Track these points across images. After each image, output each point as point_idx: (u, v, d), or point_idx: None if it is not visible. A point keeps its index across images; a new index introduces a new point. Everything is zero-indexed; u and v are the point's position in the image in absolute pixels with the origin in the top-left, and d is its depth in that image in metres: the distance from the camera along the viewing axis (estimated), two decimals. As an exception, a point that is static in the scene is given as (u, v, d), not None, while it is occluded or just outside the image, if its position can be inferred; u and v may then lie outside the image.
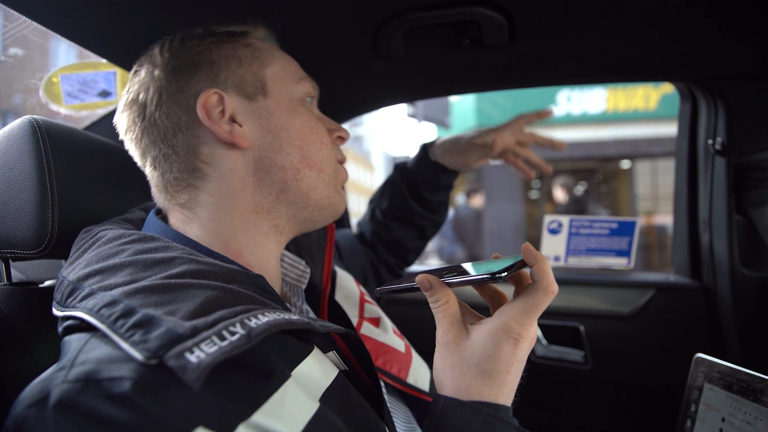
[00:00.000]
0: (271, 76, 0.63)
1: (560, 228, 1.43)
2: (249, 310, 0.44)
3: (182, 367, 0.36)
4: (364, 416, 0.51)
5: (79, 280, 0.48)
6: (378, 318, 0.81)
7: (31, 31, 0.97)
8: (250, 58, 0.63)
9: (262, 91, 0.62)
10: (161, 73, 0.60)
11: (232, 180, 0.60)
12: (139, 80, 0.61)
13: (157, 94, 0.59)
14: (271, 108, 0.62)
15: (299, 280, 0.73)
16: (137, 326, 0.40)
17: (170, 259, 0.49)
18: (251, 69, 0.62)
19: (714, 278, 1.20)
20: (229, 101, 0.60)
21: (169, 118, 0.59)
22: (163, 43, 0.63)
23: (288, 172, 0.62)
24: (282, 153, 0.62)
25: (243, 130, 0.60)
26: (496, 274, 0.46)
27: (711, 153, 1.15)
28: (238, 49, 0.63)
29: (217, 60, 0.61)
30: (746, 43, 0.93)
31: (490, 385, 0.49)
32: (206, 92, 0.58)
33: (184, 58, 0.60)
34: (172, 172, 0.60)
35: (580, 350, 1.35)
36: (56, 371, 0.39)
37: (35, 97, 1.03)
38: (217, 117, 0.59)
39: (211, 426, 0.37)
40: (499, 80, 1.16)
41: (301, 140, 0.63)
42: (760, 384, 0.70)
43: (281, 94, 0.63)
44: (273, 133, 0.62)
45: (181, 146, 0.60)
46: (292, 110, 0.64)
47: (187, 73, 0.60)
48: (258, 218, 0.62)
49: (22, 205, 0.61)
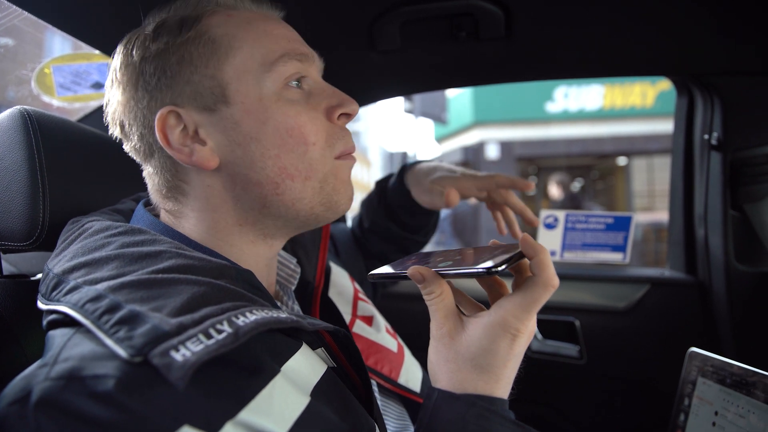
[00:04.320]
0: (233, 74, 0.54)
1: (556, 223, 1.43)
2: (237, 308, 0.43)
3: (167, 365, 0.35)
4: (354, 412, 0.51)
5: (64, 273, 0.47)
6: (371, 316, 0.79)
7: (22, 21, 0.96)
8: (205, 57, 0.53)
9: (222, 98, 0.53)
10: (123, 95, 0.55)
11: (211, 197, 0.56)
12: (111, 99, 0.58)
13: (125, 115, 0.56)
14: (237, 117, 0.53)
15: (288, 279, 0.71)
16: (122, 322, 0.39)
17: (157, 252, 0.48)
18: (207, 72, 0.53)
19: (709, 273, 1.21)
20: (188, 117, 0.53)
21: (142, 140, 0.56)
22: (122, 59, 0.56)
23: (266, 187, 0.55)
24: (255, 168, 0.54)
25: (206, 149, 0.54)
26: (491, 269, 0.45)
27: (707, 148, 1.15)
28: (189, 47, 0.53)
29: (167, 68, 0.53)
30: (743, 38, 0.93)
31: (486, 379, 0.47)
32: (161, 112, 0.53)
33: (136, 72, 0.54)
34: (157, 187, 0.58)
35: (575, 345, 1.35)
36: (39, 368, 0.38)
37: (27, 89, 1.02)
38: (177, 139, 0.53)
39: (197, 424, 0.36)
40: (496, 74, 1.15)
41: (278, 148, 0.54)
42: (753, 378, 0.70)
43: (247, 97, 0.54)
44: (242, 146, 0.54)
45: (159, 166, 0.57)
46: (263, 113, 0.54)
47: (142, 90, 0.54)
48: (243, 230, 0.58)
49: (13, 196, 0.61)
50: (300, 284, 0.74)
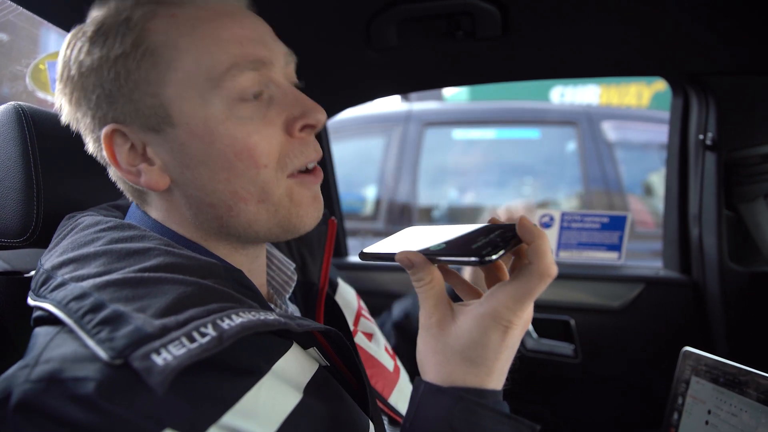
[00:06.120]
0: (175, 93, 0.48)
1: (552, 222, 1.43)
2: (223, 309, 0.42)
3: (148, 369, 0.35)
4: (348, 409, 0.50)
5: (53, 269, 0.46)
6: (371, 334, 0.78)
7: (16, 16, 0.95)
8: (144, 72, 0.48)
9: (166, 119, 0.49)
10: (68, 104, 0.52)
11: (171, 211, 0.54)
12: (58, 101, 0.54)
13: (75, 125, 0.54)
14: (182, 139, 0.49)
15: (283, 286, 0.67)
16: (105, 323, 0.38)
17: (145, 249, 0.47)
18: (148, 90, 0.48)
19: (703, 273, 1.21)
20: (134, 136, 0.50)
21: (97, 151, 0.53)
22: (64, 56, 0.51)
23: (219, 209, 0.52)
24: (206, 191, 0.51)
25: (155, 170, 0.50)
26: (484, 258, 0.42)
27: (702, 148, 1.16)
28: (127, 62, 0.47)
29: (104, 84, 0.48)
30: (738, 39, 0.93)
31: (476, 372, 0.45)
32: (105, 130, 0.49)
33: (77, 86, 0.50)
34: (125, 189, 0.57)
35: (570, 344, 1.36)
36: (20, 369, 0.38)
37: (22, 85, 1.01)
38: (125, 158, 0.50)
39: (180, 428, 0.36)
40: (493, 73, 1.15)
41: (227, 171, 0.50)
42: (745, 376, 0.71)
43: (192, 118, 0.49)
44: (191, 169, 0.50)
45: (118, 177, 0.55)
46: (209, 135, 0.49)
47: (84, 107, 0.50)
48: (210, 244, 0.55)
49: (6, 192, 0.60)
50: (304, 285, 0.72)
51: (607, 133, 2.89)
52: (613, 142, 2.88)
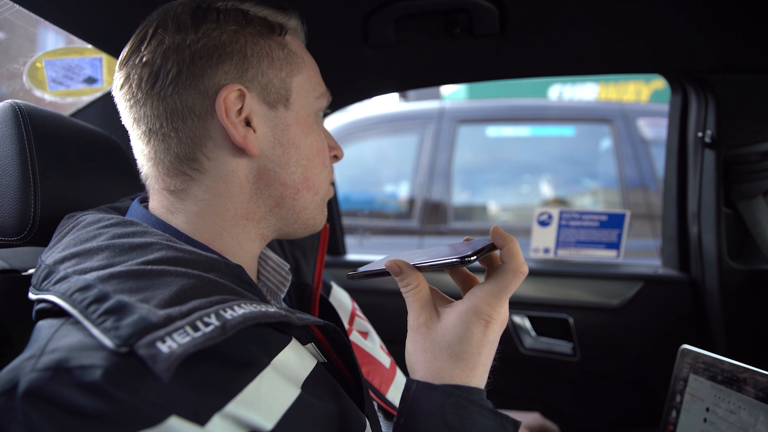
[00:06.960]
0: (297, 86, 0.60)
1: (550, 220, 1.44)
2: (225, 301, 0.43)
3: (153, 356, 0.35)
4: (344, 406, 0.51)
5: (55, 264, 0.47)
6: (366, 332, 0.80)
7: (13, 14, 0.95)
8: (282, 62, 0.59)
9: (284, 101, 0.59)
10: (188, 49, 0.53)
11: (230, 182, 0.57)
12: (158, 43, 0.54)
13: (176, 67, 0.53)
14: (289, 121, 0.59)
15: (278, 287, 0.70)
16: (109, 312, 0.39)
17: (148, 244, 0.48)
18: (280, 74, 0.58)
19: (702, 271, 1.21)
20: (249, 102, 0.55)
21: (182, 99, 0.54)
22: (196, 11, 0.55)
23: (288, 189, 0.60)
24: (287, 170, 0.59)
25: (256, 136, 0.56)
26: (465, 258, 0.47)
27: (701, 146, 1.16)
28: (273, 48, 0.58)
29: (250, 55, 0.56)
30: (737, 36, 0.93)
31: (462, 368, 0.49)
32: (230, 86, 0.54)
33: (217, 40, 0.54)
34: (168, 155, 0.55)
35: (568, 342, 1.36)
36: (26, 359, 0.38)
37: (19, 83, 1.01)
38: (234, 116, 0.54)
39: (184, 415, 0.37)
40: (491, 70, 1.15)
41: (308, 161, 0.61)
42: (743, 374, 0.71)
43: (301, 108, 0.60)
44: (284, 147, 0.59)
45: (186, 132, 0.55)
46: (308, 128, 0.61)
47: (216, 59, 0.54)
48: (247, 225, 0.60)
49: (3, 190, 0.60)
50: (298, 286, 0.74)
51: (643, 130, 2.85)
52: (649, 139, 2.84)
